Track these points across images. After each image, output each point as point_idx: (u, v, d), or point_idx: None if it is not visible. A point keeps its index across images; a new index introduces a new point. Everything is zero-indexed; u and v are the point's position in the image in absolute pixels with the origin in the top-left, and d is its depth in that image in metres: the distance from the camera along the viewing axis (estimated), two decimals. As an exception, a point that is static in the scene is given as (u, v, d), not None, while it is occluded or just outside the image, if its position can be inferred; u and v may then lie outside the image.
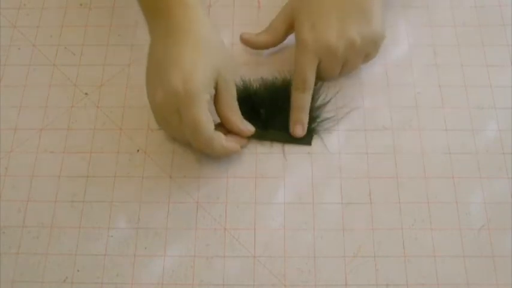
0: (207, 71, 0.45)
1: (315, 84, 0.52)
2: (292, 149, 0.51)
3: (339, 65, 0.51)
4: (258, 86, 0.53)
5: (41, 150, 0.52)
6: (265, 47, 0.54)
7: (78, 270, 0.47)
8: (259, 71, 0.55)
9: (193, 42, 0.46)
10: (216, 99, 0.48)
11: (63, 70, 0.56)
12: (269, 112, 0.52)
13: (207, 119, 0.45)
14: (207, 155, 0.50)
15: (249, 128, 0.50)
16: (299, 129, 0.51)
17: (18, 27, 0.58)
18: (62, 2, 0.60)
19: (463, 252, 0.47)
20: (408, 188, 0.50)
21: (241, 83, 0.53)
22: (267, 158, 0.51)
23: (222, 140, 0.47)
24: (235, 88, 0.49)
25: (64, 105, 0.54)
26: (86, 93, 0.55)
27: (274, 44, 0.54)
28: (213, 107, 0.48)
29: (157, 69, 0.46)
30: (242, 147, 0.51)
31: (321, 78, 0.52)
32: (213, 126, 0.46)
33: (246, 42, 0.54)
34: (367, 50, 0.50)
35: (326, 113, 0.53)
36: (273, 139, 0.52)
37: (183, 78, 0.44)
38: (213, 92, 0.46)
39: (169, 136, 0.52)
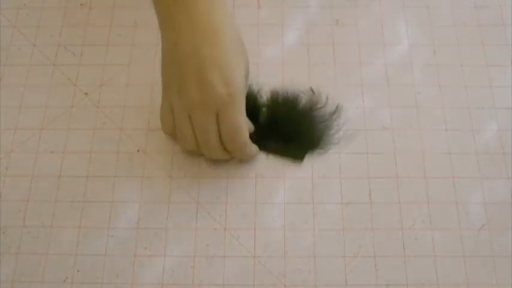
0: (242, 71, 0.44)
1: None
2: (292, 149, 0.51)
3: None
4: (258, 96, 0.52)
5: (41, 150, 0.52)
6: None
7: (78, 270, 0.47)
8: (259, 71, 0.55)
9: (227, 40, 0.43)
10: None
11: (63, 70, 0.56)
12: (267, 125, 0.51)
13: (246, 123, 0.45)
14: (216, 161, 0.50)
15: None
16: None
17: (18, 27, 0.58)
18: (62, 2, 0.60)
19: (463, 252, 0.47)
20: (408, 188, 0.50)
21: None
22: (266, 158, 0.51)
23: (253, 144, 0.48)
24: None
25: (64, 105, 0.54)
26: (86, 93, 0.55)
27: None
28: None
29: (188, 70, 0.43)
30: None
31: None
32: (247, 129, 0.46)
33: None
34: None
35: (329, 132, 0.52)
36: (270, 152, 0.51)
37: (224, 81, 0.43)
38: None
39: (176, 142, 0.50)
